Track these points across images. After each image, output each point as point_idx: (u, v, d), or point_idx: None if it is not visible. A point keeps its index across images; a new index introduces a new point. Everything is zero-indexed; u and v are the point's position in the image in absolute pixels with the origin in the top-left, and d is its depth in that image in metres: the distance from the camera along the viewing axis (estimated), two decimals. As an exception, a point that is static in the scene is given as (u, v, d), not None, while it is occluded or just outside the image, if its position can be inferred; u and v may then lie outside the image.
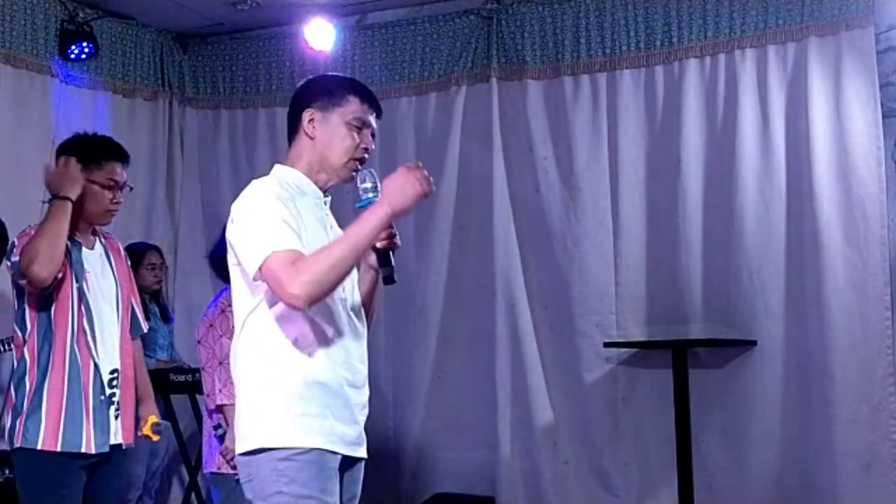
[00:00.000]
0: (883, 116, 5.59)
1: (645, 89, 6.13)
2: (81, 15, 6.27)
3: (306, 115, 2.88)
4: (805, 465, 5.63)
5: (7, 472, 4.68)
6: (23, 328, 3.68)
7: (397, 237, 2.87)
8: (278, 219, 2.71)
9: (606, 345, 6.02)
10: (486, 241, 6.34)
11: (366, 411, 2.92)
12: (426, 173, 2.74)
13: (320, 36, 6.48)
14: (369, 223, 2.71)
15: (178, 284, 6.79)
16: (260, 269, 2.69)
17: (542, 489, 6.18)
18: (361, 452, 2.90)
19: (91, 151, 3.80)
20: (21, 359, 3.69)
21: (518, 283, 6.29)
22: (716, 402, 5.82)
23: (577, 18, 6.28)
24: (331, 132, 2.87)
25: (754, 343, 5.77)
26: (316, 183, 2.90)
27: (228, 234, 2.82)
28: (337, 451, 2.78)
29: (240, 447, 2.81)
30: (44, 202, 3.72)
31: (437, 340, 6.45)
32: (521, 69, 6.39)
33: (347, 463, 2.85)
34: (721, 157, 5.91)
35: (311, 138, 2.88)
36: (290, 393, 2.74)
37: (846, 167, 5.62)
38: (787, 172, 5.78)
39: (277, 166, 2.93)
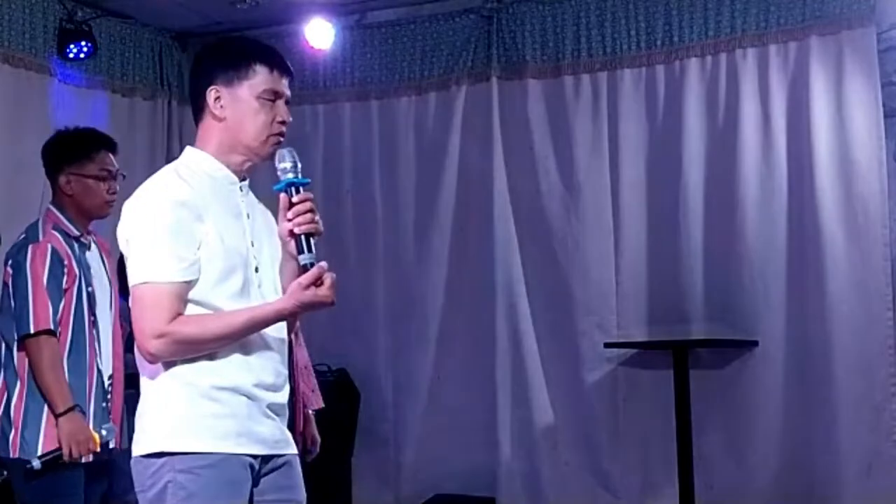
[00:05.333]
0: (884, 116, 5.58)
1: (646, 89, 6.11)
2: (80, 14, 6.24)
3: (211, 94, 2.61)
4: (806, 466, 5.61)
5: (6, 472, 4.64)
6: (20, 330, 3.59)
7: (319, 221, 2.57)
8: (165, 235, 2.50)
9: (607, 345, 6.00)
10: (486, 241, 6.33)
11: (286, 412, 2.69)
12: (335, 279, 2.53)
13: (320, 35, 6.46)
14: (267, 315, 2.54)
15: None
16: (132, 290, 2.54)
17: (543, 490, 6.16)
18: (285, 449, 2.65)
19: (79, 145, 3.74)
20: (8, 363, 3.60)
21: (518, 283, 6.28)
22: (717, 402, 5.81)
23: (578, 17, 6.26)
24: (241, 110, 2.60)
25: (755, 343, 5.76)
26: (229, 166, 2.64)
27: (118, 237, 2.61)
28: (248, 452, 2.54)
29: (137, 450, 2.56)
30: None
31: (437, 340, 6.43)
32: (522, 68, 6.37)
33: (271, 465, 2.61)
34: (722, 157, 5.90)
35: (220, 119, 2.62)
36: (197, 393, 2.52)
37: (848, 167, 5.60)
38: (788, 172, 5.77)
39: (188, 150, 2.69)
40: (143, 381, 2.61)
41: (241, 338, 2.54)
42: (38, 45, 6.05)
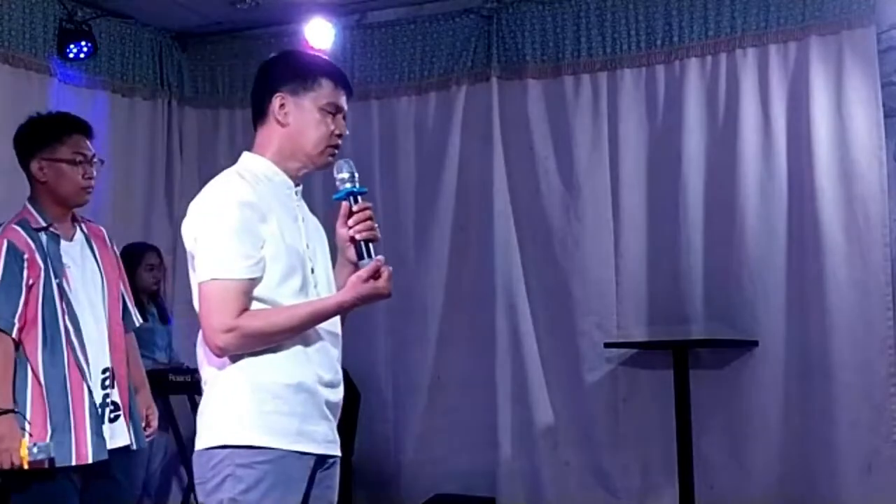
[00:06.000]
0: (884, 116, 5.58)
1: (646, 89, 6.11)
2: (80, 14, 6.24)
3: (276, 101, 2.74)
4: (806, 466, 5.61)
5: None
6: None
7: (377, 228, 2.73)
8: (233, 234, 2.60)
9: (607, 345, 6.00)
10: (486, 241, 6.33)
11: (339, 411, 2.79)
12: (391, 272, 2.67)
13: (320, 35, 6.46)
14: (329, 308, 2.67)
15: (177, 285, 6.75)
16: (199, 286, 2.64)
17: (543, 490, 6.16)
18: (334, 450, 2.76)
19: (49, 129, 3.61)
20: None
21: (518, 283, 6.28)
22: (717, 402, 5.80)
23: (578, 17, 6.26)
24: (304, 119, 2.74)
25: (755, 343, 5.75)
26: (286, 171, 2.77)
27: (184, 235, 2.71)
28: (306, 451, 2.65)
29: (199, 443, 2.67)
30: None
31: (437, 340, 6.43)
32: (522, 68, 6.37)
33: (320, 463, 2.72)
34: (722, 157, 5.90)
35: (283, 125, 2.74)
36: (261, 389, 2.62)
37: (847, 167, 5.60)
38: (788, 172, 5.76)
39: (246, 155, 2.80)
40: (209, 375, 2.71)
41: (304, 330, 2.65)
42: (38, 45, 6.05)
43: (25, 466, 3.34)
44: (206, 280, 2.62)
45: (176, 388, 5.71)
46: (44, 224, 3.53)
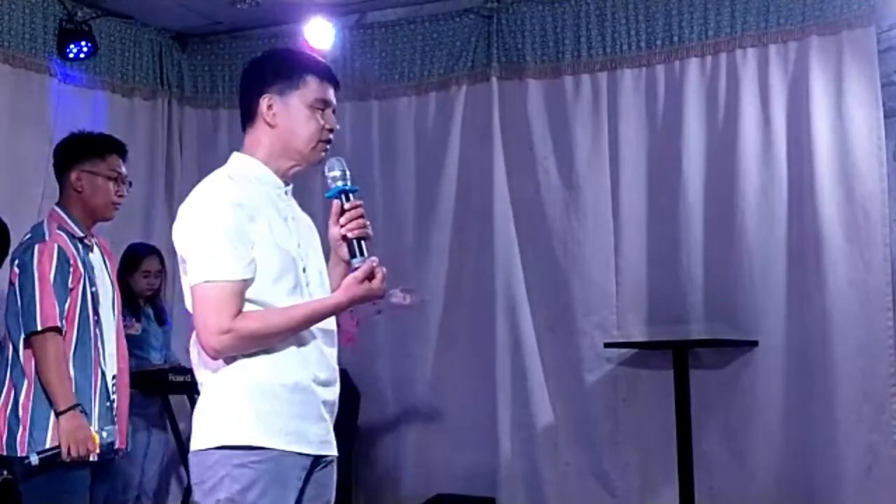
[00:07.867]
0: (884, 116, 5.58)
1: (646, 89, 6.11)
2: (80, 14, 6.24)
3: (264, 102, 2.74)
4: (806, 466, 5.61)
5: (5, 472, 4.65)
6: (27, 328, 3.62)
7: (369, 226, 2.73)
8: (225, 235, 2.59)
9: (607, 345, 6.00)
10: (486, 241, 6.33)
11: (335, 409, 2.79)
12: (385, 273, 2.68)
13: (320, 35, 6.46)
14: (325, 309, 2.67)
15: (176, 286, 6.75)
16: (192, 289, 2.64)
17: (543, 490, 6.16)
18: (330, 450, 2.76)
19: (93, 145, 3.84)
20: (15, 361, 3.66)
21: (518, 283, 6.27)
22: (717, 402, 5.81)
23: (578, 17, 6.26)
24: (293, 117, 2.74)
25: (755, 343, 5.75)
26: (277, 171, 2.77)
27: (175, 238, 2.71)
28: (301, 451, 2.65)
29: (195, 444, 2.66)
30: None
31: (437, 340, 6.43)
32: (522, 68, 6.37)
33: (316, 463, 2.72)
34: (722, 157, 5.90)
35: (272, 126, 2.74)
36: (257, 389, 2.62)
37: (847, 167, 5.60)
38: (788, 172, 5.76)
39: (235, 155, 2.81)
40: (204, 378, 2.70)
41: (300, 331, 2.66)
42: (38, 45, 6.06)
43: (98, 451, 3.60)
44: (199, 282, 2.61)
45: (175, 388, 5.71)
46: (81, 234, 3.75)
